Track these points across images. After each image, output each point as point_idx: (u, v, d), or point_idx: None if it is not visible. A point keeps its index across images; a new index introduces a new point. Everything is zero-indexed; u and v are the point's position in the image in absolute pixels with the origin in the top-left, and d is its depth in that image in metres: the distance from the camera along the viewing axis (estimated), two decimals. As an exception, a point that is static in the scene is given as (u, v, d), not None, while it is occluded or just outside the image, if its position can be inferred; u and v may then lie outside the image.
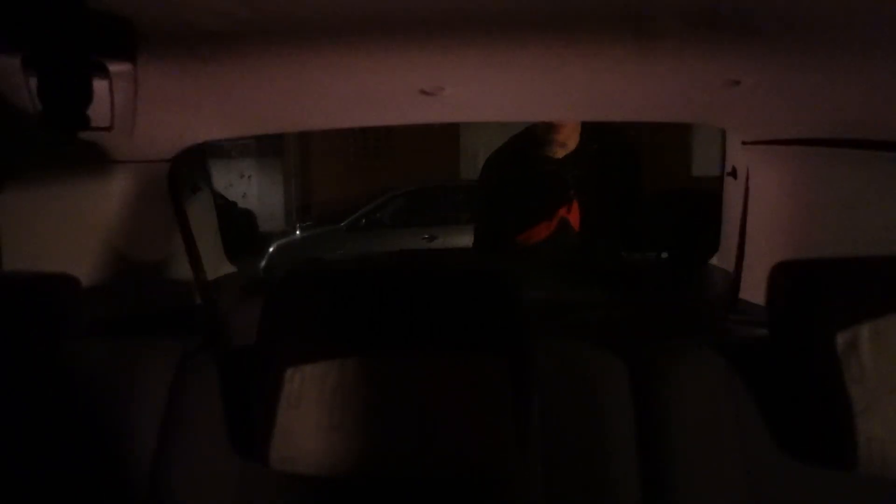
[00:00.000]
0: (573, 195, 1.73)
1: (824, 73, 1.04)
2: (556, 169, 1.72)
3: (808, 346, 0.79)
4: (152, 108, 1.11)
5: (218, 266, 1.62)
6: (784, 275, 0.85)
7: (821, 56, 0.97)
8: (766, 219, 1.52)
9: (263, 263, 7.08)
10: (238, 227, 10.96)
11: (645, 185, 1.86)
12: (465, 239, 7.64)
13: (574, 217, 1.75)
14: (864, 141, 1.25)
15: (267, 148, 12.72)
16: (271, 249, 7.21)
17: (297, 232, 8.02)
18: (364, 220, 7.38)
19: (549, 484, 0.79)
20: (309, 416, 0.76)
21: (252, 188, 14.14)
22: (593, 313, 1.77)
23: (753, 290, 1.53)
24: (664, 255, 1.88)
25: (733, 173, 1.58)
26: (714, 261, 1.76)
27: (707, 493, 0.79)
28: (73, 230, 1.29)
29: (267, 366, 0.79)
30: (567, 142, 1.70)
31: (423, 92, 1.15)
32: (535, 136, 1.73)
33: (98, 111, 0.94)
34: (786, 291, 0.84)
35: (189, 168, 1.55)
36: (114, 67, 0.91)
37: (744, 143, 1.52)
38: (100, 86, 0.92)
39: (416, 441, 0.75)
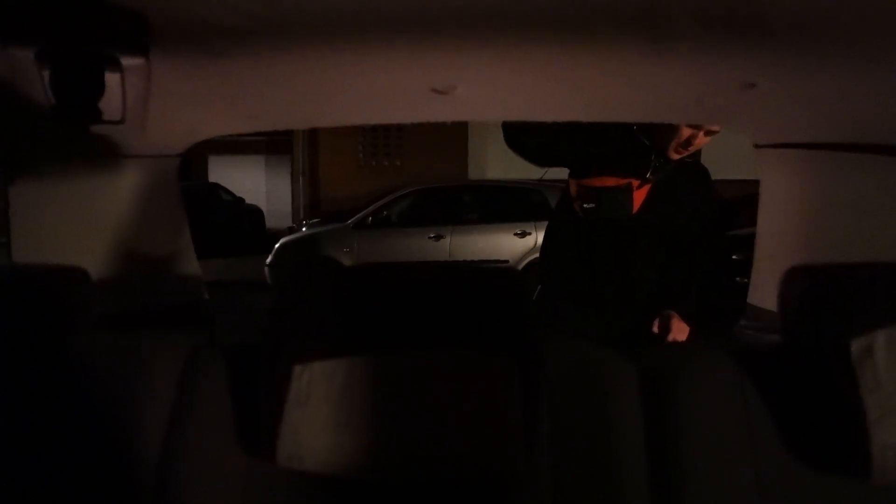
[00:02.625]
0: (650, 179, 1.70)
1: (840, 77, 1.03)
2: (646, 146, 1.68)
3: (822, 352, 0.79)
4: (164, 103, 1.11)
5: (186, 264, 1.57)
6: (797, 280, 0.84)
7: (837, 60, 0.97)
8: (778, 223, 1.51)
9: (270, 260, 7.10)
10: (246, 223, 11.03)
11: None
12: (470, 238, 7.63)
13: (638, 198, 1.72)
14: (878, 146, 1.24)
15: (275, 146, 12.78)
16: (277, 246, 7.22)
17: (304, 229, 8.04)
18: (371, 219, 7.39)
19: (558, 486, 0.79)
20: (317, 414, 0.76)
21: (260, 185, 14.21)
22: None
23: (763, 295, 1.52)
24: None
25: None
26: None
27: (717, 499, 0.78)
28: (84, 223, 1.29)
29: (275, 362, 0.79)
30: (691, 144, 1.63)
31: (435, 90, 1.14)
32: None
33: (110, 105, 0.95)
34: (799, 297, 0.83)
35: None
36: (126, 61, 0.91)
37: (756, 146, 1.51)
38: (112, 79, 0.92)
39: (424, 441, 0.75)
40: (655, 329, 1.68)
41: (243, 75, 1.06)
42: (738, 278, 3.51)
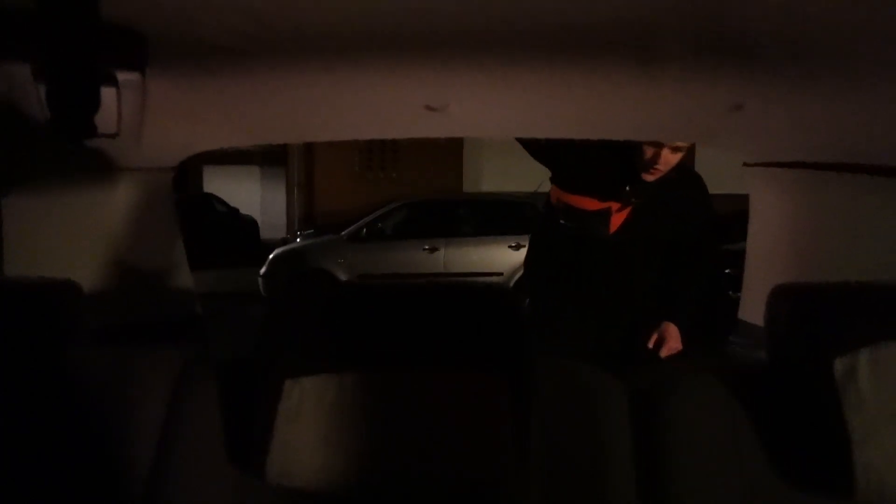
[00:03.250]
0: (631, 201, 1.70)
1: (827, 98, 1.05)
2: (625, 168, 1.67)
3: (807, 371, 0.79)
4: (159, 117, 1.12)
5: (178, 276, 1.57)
6: (783, 298, 0.85)
7: (823, 81, 0.98)
8: (766, 240, 1.52)
9: (263, 271, 7.08)
10: (241, 233, 11.00)
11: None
12: (464, 250, 7.61)
13: (616, 221, 1.72)
14: (864, 166, 1.26)
15: (271, 157, 12.78)
16: (271, 257, 7.21)
17: (298, 240, 8.02)
18: (365, 231, 7.39)
19: None
20: (307, 430, 0.76)
21: (255, 195, 14.20)
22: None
23: (754, 310, 1.53)
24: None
25: None
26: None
27: None
28: (77, 236, 1.29)
29: (266, 378, 0.79)
30: (656, 163, 1.61)
31: (429, 108, 1.15)
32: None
33: (105, 119, 0.95)
34: (785, 315, 0.84)
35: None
36: (122, 76, 0.92)
37: (745, 164, 1.53)
38: (107, 93, 0.92)
39: (415, 459, 0.75)
40: (650, 344, 1.68)
41: (238, 91, 1.07)
42: (730, 292, 3.53)
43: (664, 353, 1.67)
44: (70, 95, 0.88)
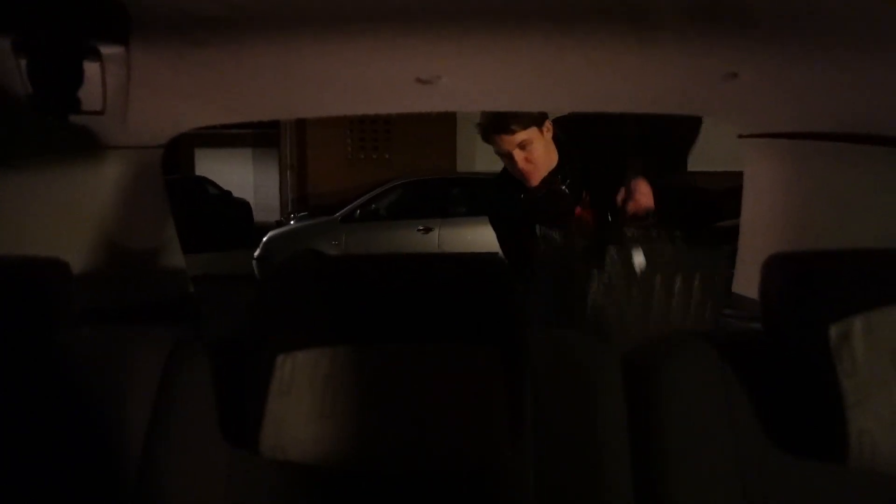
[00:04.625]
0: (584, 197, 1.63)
1: (822, 68, 1.04)
2: (553, 188, 1.62)
3: (801, 338, 0.79)
4: (146, 93, 1.10)
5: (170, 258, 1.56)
6: (777, 267, 0.85)
7: (819, 50, 0.97)
8: (761, 212, 1.52)
9: (257, 253, 7.07)
10: (234, 216, 10.97)
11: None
12: (459, 230, 7.60)
13: (587, 215, 1.66)
14: (859, 136, 1.26)
15: (263, 139, 12.69)
16: (265, 240, 7.19)
17: (292, 223, 8.00)
18: (359, 212, 7.37)
19: (541, 475, 0.79)
20: (300, 404, 0.76)
21: (247, 178, 14.13)
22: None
23: (747, 283, 1.54)
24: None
25: None
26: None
27: (698, 485, 0.79)
28: (65, 216, 1.28)
29: (258, 353, 0.79)
30: (513, 163, 1.56)
31: (420, 80, 1.14)
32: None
33: (90, 95, 0.93)
34: (779, 284, 0.84)
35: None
36: (106, 50, 0.90)
37: (740, 136, 1.52)
38: (91, 69, 0.90)
39: (408, 432, 0.75)
40: (619, 201, 1.55)
41: (226, 65, 1.05)
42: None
43: (632, 209, 1.53)
44: (52, 69, 0.86)
